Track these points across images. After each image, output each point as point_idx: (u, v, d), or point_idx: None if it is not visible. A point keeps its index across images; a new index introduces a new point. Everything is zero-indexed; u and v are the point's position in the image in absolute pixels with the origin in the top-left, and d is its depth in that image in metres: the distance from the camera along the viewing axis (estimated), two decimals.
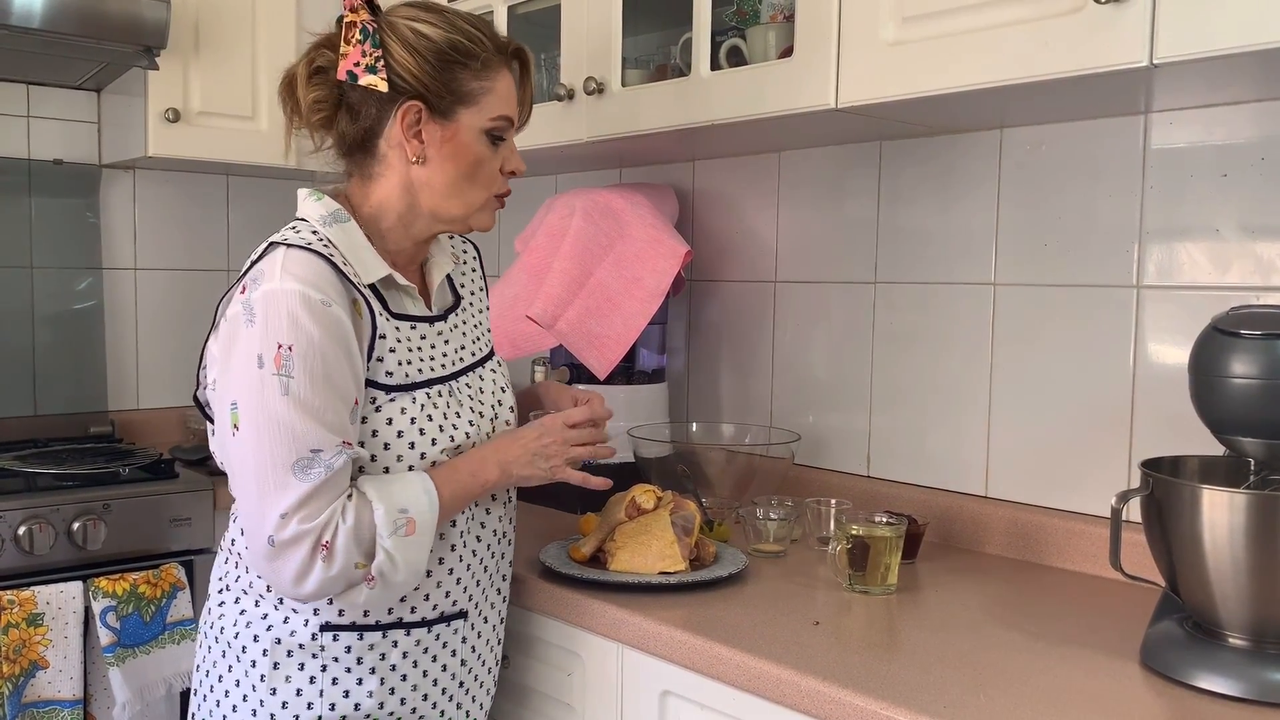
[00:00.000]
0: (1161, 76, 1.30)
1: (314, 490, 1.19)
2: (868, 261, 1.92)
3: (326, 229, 1.30)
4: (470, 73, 1.32)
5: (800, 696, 1.17)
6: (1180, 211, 1.54)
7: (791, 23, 1.65)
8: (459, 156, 1.34)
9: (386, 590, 1.25)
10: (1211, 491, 1.13)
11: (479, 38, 1.34)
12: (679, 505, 1.57)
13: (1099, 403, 1.62)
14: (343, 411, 1.22)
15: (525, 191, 2.59)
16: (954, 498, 1.78)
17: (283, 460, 1.19)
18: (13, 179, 2.46)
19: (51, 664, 1.85)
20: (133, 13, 2.12)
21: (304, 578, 1.20)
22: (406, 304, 1.37)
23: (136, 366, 2.65)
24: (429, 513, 1.25)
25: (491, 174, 1.37)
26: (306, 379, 1.20)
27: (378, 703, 1.32)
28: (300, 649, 1.30)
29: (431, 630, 1.35)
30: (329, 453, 1.20)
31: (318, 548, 1.20)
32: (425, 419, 1.30)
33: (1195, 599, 1.18)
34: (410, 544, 1.24)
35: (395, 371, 1.29)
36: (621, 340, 1.97)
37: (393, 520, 1.22)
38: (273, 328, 1.20)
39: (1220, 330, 1.19)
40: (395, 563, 1.23)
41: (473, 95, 1.33)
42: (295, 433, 1.19)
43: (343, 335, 1.23)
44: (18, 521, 1.89)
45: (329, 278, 1.23)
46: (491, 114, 1.34)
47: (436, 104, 1.32)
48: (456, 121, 1.33)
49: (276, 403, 1.19)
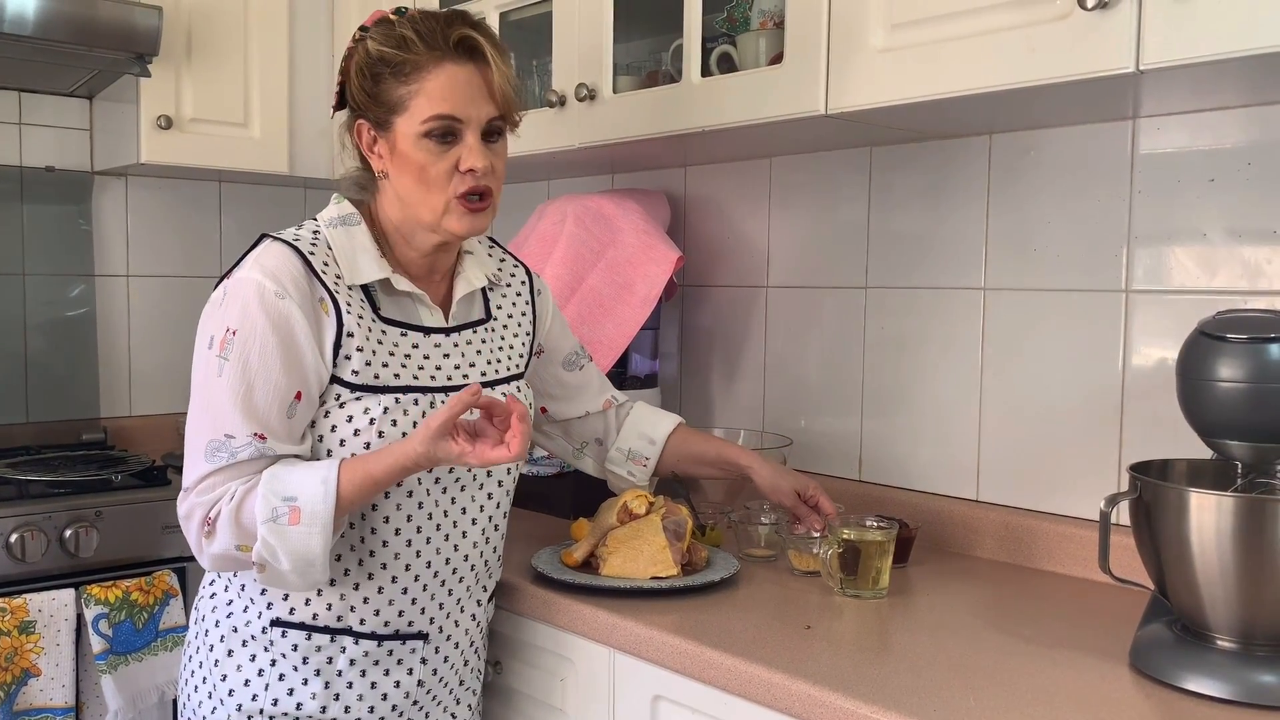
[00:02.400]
0: (1148, 82, 1.31)
1: (213, 472, 1.25)
2: (859, 267, 1.92)
3: (331, 230, 1.34)
4: (397, 80, 1.30)
5: (792, 700, 1.18)
6: (1168, 216, 1.55)
7: (781, 29, 1.66)
8: (404, 165, 1.32)
9: (278, 577, 1.26)
10: (1199, 495, 1.14)
11: (409, 40, 1.30)
12: (671, 510, 1.57)
13: (1089, 407, 1.63)
14: (271, 402, 1.25)
15: (517, 198, 2.60)
16: (945, 502, 1.79)
17: (202, 439, 1.26)
18: (5, 186, 2.46)
19: (43, 672, 1.84)
20: (125, 20, 2.12)
21: (199, 552, 1.28)
22: (419, 312, 1.37)
23: (129, 373, 2.65)
24: (320, 503, 1.22)
25: (440, 176, 1.31)
26: (239, 365, 1.24)
27: (320, 705, 1.33)
28: (253, 639, 1.33)
29: (382, 645, 1.35)
30: (239, 440, 1.24)
31: (203, 524, 1.26)
32: (388, 423, 1.29)
33: (1183, 601, 1.19)
34: (292, 533, 1.22)
35: (362, 371, 1.29)
36: (614, 345, 1.97)
37: (271, 508, 1.22)
38: (227, 313, 1.26)
39: (1207, 334, 1.19)
40: (275, 551, 1.23)
41: (401, 102, 1.30)
42: (216, 414, 1.25)
43: (288, 328, 1.25)
44: (10, 529, 1.89)
45: (294, 273, 1.27)
46: (422, 116, 1.29)
47: (375, 118, 1.34)
48: (394, 131, 1.32)
49: (211, 383, 1.26)
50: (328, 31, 2.56)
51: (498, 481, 1.43)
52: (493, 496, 1.42)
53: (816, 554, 1.53)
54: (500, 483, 1.43)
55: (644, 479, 1.68)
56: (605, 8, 1.87)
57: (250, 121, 2.45)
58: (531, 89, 2.19)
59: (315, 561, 1.24)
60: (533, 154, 2.03)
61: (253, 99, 2.45)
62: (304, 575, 1.25)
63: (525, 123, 2.03)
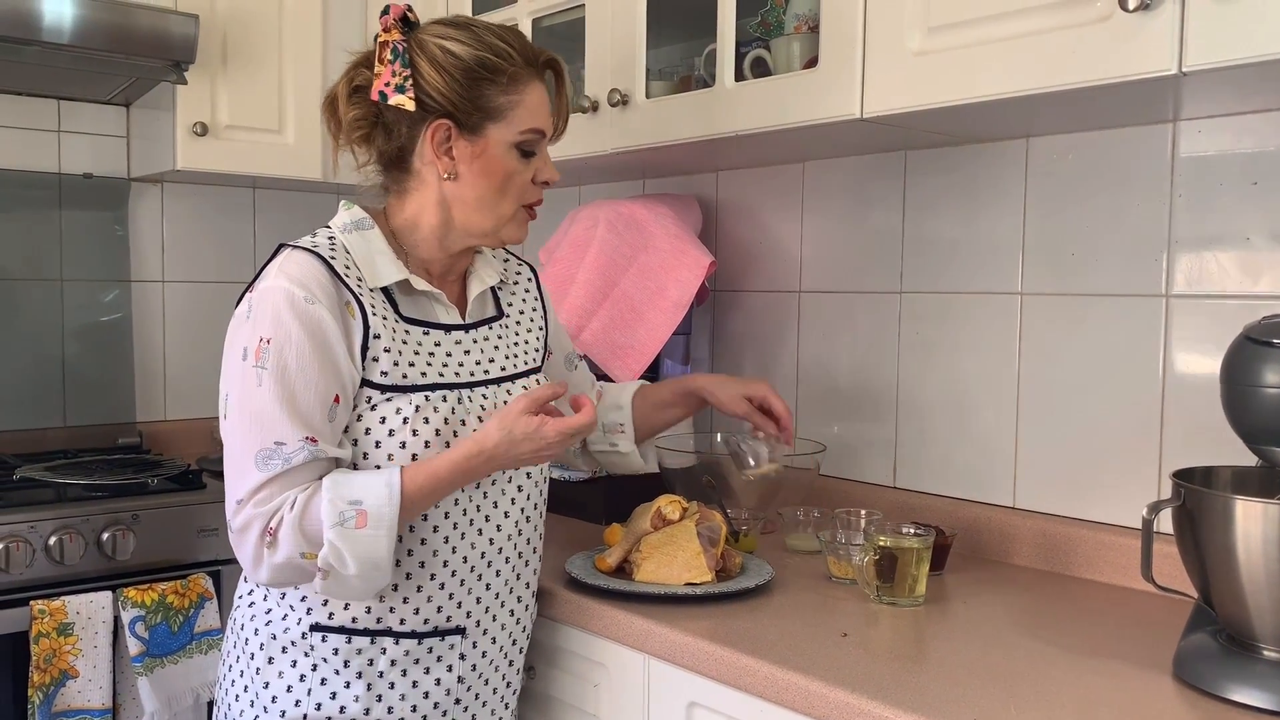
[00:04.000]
0: (1190, 85, 1.29)
1: (269, 480, 1.24)
2: (893, 271, 1.91)
3: (345, 235, 1.36)
4: (498, 88, 1.34)
5: (829, 708, 1.17)
6: (1210, 220, 1.53)
7: (816, 33, 1.65)
8: (489, 172, 1.36)
9: (341, 583, 1.25)
10: (1245, 502, 1.12)
11: (507, 52, 1.34)
12: (705, 516, 1.57)
13: (1128, 413, 1.61)
14: (315, 406, 1.26)
15: (549, 203, 2.59)
16: (982, 509, 1.77)
17: (250, 449, 1.25)
18: (43, 193, 2.49)
19: (81, 673, 1.86)
20: (161, 28, 2.14)
21: (257, 564, 1.26)
22: (436, 311, 1.39)
23: (164, 378, 2.68)
24: (386, 505, 1.24)
25: (522, 186, 1.38)
26: (279, 372, 1.25)
27: (364, 708, 1.33)
28: (293, 645, 1.33)
29: (423, 643, 1.35)
30: (291, 446, 1.24)
31: (264, 534, 1.25)
32: (420, 421, 1.30)
33: (1229, 611, 1.17)
34: (360, 537, 1.23)
35: (391, 372, 1.31)
36: (646, 350, 1.97)
37: (339, 511, 1.23)
38: (259, 323, 1.27)
39: (1253, 339, 1.17)
40: (342, 555, 1.23)
41: (500, 110, 1.34)
42: (263, 423, 1.25)
43: (321, 332, 1.26)
44: (48, 532, 1.91)
45: (320, 278, 1.28)
46: (521, 127, 1.35)
47: (465, 121, 1.34)
48: (485, 137, 1.34)
49: (252, 394, 1.25)
50: (361, 38, 2.57)
51: (526, 473, 1.43)
52: (523, 489, 1.43)
53: (853, 562, 1.52)
54: (529, 474, 1.44)
55: (629, 447, 1.68)
56: (638, 13, 1.87)
57: (284, 128, 2.47)
58: None
59: (381, 564, 1.25)
60: (566, 159, 2.03)
61: (287, 105, 2.47)
62: (369, 580, 1.26)
63: None
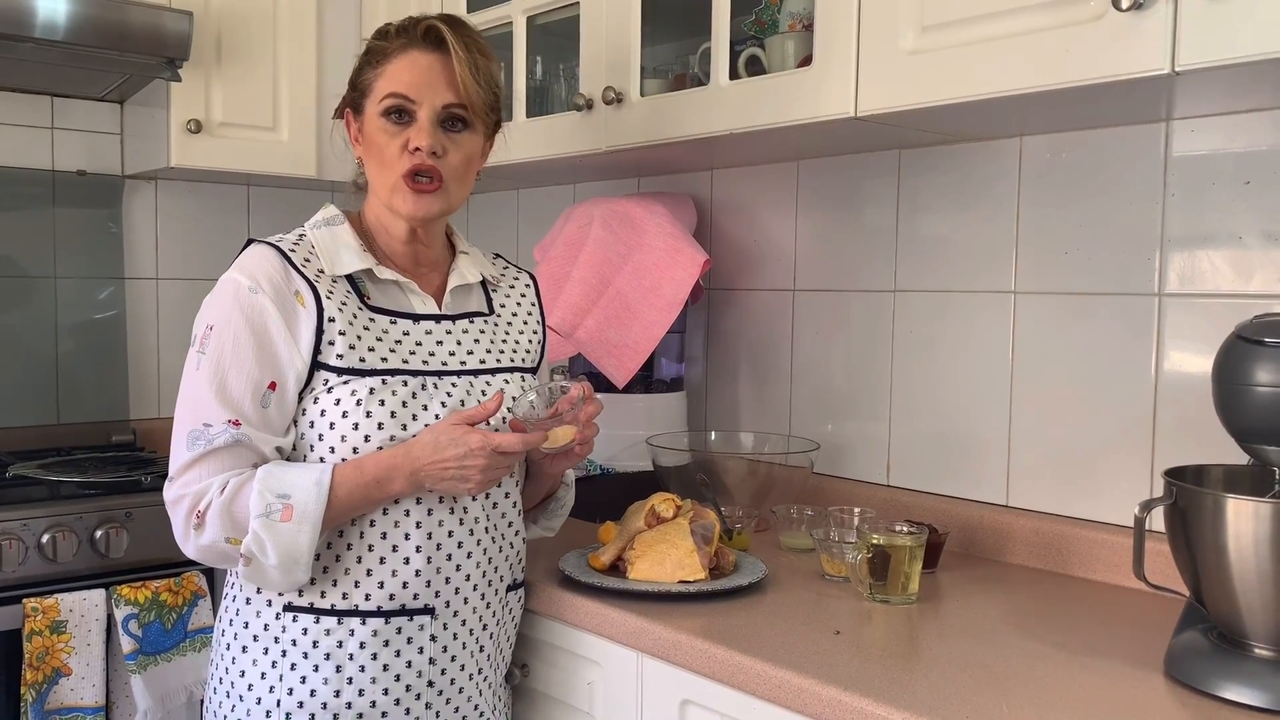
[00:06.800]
0: (1183, 84, 1.30)
1: (195, 460, 1.30)
2: (887, 270, 1.92)
3: (314, 231, 1.43)
4: (370, 67, 1.42)
5: (822, 706, 1.17)
6: (1202, 219, 1.53)
7: (810, 32, 1.65)
8: (369, 146, 1.42)
9: (261, 572, 1.31)
10: (1236, 501, 1.12)
11: (385, 31, 1.42)
12: (698, 514, 1.57)
13: (1120, 411, 1.61)
14: (245, 391, 1.31)
15: (544, 201, 2.60)
16: (975, 507, 1.77)
17: (184, 429, 1.32)
18: (37, 190, 2.48)
19: (74, 671, 1.86)
20: (155, 25, 2.14)
21: (185, 541, 1.33)
22: (410, 301, 1.43)
23: (158, 375, 2.67)
24: (313, 504, 1.28)
25: (393, 154, 1.39)
26: (215, 357, 1.32)
27: (333, 690, 1.35)
28: (265, 631, 1.37)
29: (390, 622, 1.36)
30: (216, 428, 1.30)
31: (191, 515, 1.31)
32: (376, 403, 1.33)
33: (1220, 609, 1.17)
34: (283, 530, 1.28)
35: (347, 355, 1.34)
36: (640, 349, 1.97)
37: (266, 503, 1.28)
38: (206, 311, 1.35)
39: (1245, 338, 1.18)
40: (264, 545, 1.28)
41: (369, 85, 1.41)
42: (196, 405, 1.32)
43: (261, 320, 1.32)
44: (41, 529, 1.91)
45: (269, 270, 1.34)
46: (380, 95, 1.39)
47: (354, 105, 1.44)
48: (364, 115, 1.42)
49: (191, 376, 1.33)
50: (356, 36, 2.57)
51: None
52: None
53: (846, 560, 1.52)
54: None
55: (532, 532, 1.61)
56: (633, 11, 1.87)
57: (279, 125, 2.47)
58: (558, 92, 2.20)
59: (300, 559, 1.29)
60: (559, 157, 2.03)
61: (281, 103, 2.46)
62: (288, 572, 1.30)
63: (552, 126, 2.05)
